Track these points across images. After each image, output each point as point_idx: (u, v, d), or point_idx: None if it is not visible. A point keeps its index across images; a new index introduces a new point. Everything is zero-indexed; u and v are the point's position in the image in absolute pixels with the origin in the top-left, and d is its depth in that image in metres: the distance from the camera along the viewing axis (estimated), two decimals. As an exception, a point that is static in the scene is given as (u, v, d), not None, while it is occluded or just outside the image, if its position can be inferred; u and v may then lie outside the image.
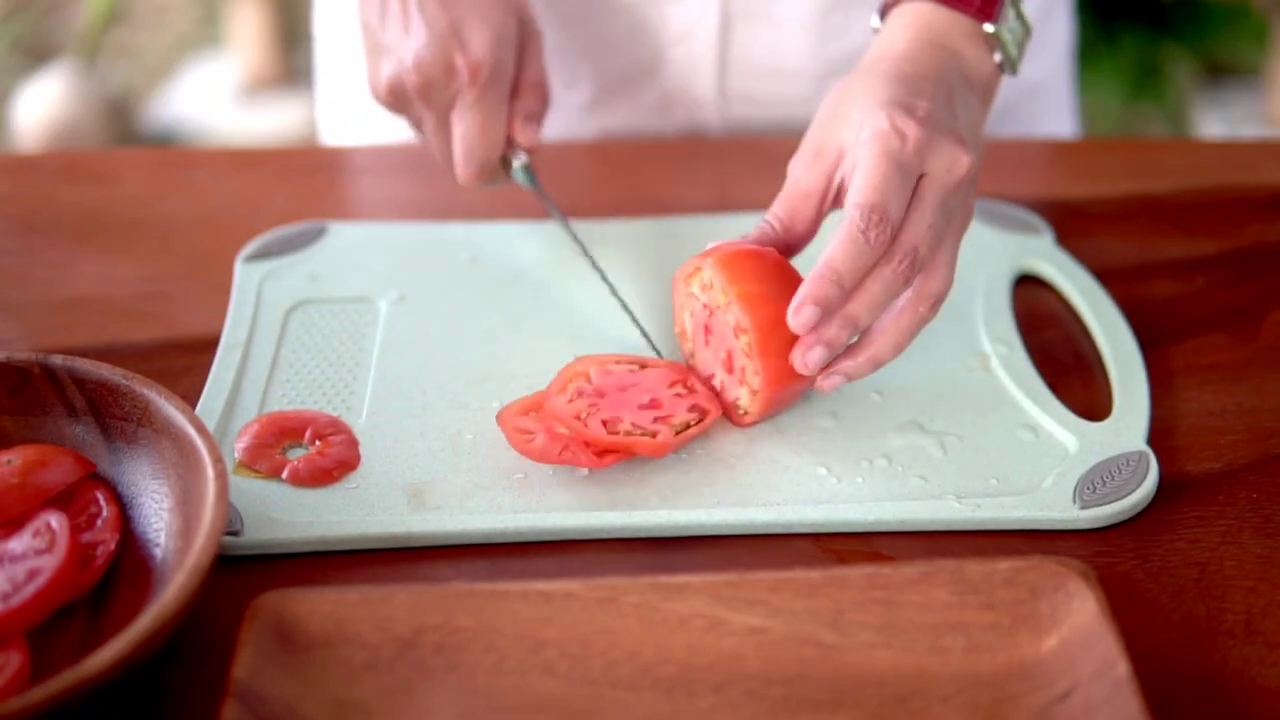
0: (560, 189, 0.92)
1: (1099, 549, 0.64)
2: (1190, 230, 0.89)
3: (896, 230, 0.65)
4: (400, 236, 0.86)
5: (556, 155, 0.93)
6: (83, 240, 0.88)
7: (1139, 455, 0.69)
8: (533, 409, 0.69)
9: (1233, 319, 0.80)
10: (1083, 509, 0.66)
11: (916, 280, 0.67)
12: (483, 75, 0.75)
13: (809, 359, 0.66)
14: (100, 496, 0.64)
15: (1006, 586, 0.58)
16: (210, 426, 0.69)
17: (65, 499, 0.63)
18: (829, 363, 0.67)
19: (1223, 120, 2.38)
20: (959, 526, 0.65)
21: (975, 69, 0.74)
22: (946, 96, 0.71)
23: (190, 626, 0.59)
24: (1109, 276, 0.82)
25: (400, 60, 0.76)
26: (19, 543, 0.59)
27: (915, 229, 0.66)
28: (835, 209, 0.71)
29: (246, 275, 0.82)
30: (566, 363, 0.71)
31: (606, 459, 0.67)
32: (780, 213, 0.71)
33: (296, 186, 0.94)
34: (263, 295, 0.80)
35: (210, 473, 0.59)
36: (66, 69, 2.51)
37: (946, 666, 0.57)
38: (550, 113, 0.81)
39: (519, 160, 0.79)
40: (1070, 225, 0.88)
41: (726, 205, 0.90)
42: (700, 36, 0.96)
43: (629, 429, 0.67)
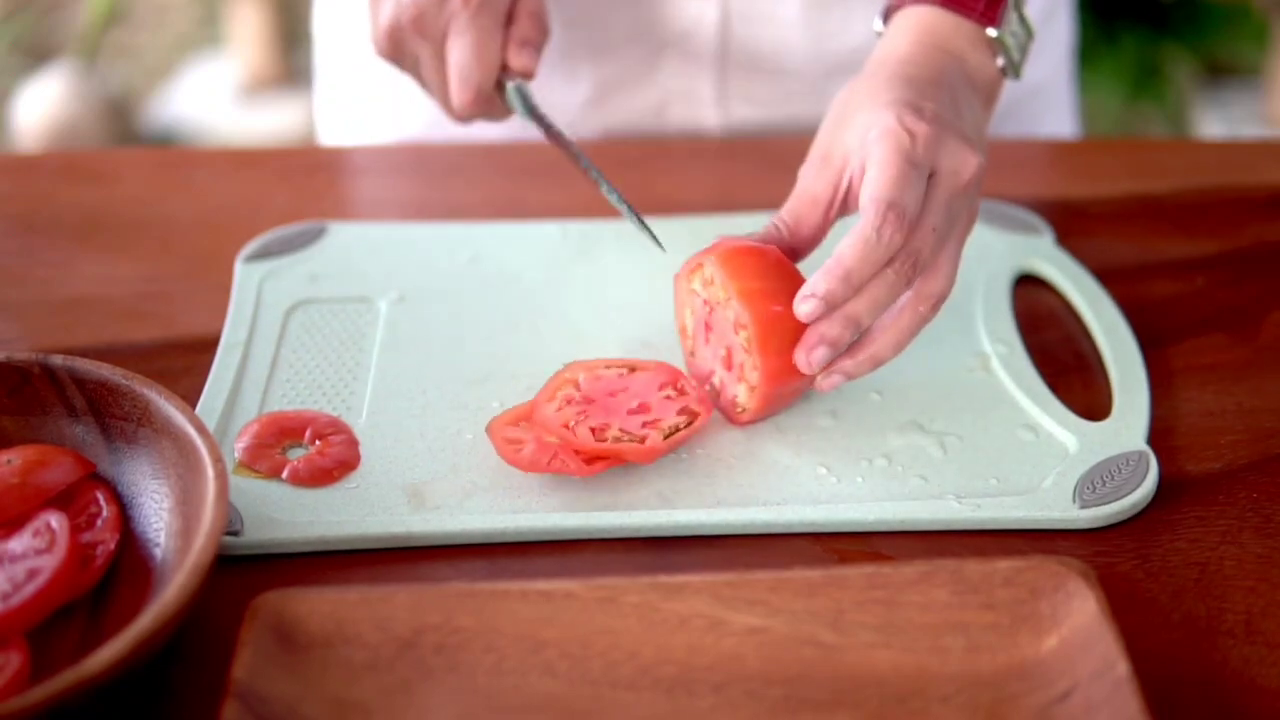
0: (559, 188, 0.92)
1: (1099, 549, 0.64)
2: (1190, 230, 0.89)
3: (912, 227, 0.65)
4: (400, 236, 0.86)
5: (555, 154, 0.93)
6: (83, 240, 0.88)
7: (1139, 455, 0.69)
8: (522, 418, 0.69)
9: (1233, 319, 0.80)
10: (1083, 509, 0.66)
11: (918, 280, 0.67)
12: None
13: (813, 358, 0.66)
14: (100, 496, 0.64)
15: (1006, 586, 0.58)
16: (210, 426, 0.69)
17: (65, 499, 0.63)
18: (829, 362, 0.67)
19: (1223, 120, 2.38)
20: (959, 526, 0.65)
21: (978, 73, 0.74)
22: (951, 98, 0.71)
23: (190, 626, 0.59)
24: (1109, 276, 0.82)
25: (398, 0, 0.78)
26: (19, 543, 0.59)
27: (919, 230, 0.66)
28: (843, 215, 0.71)
29: (246, 275, 0.82)
30: (566, 362, 0.71)
31: (596, 466, 0.66)
32: (787, 217, 0.71)
33: (296, 186, 0.94)
34: (263, 295, 0.80)
35: (210, 473, 0.59)
36: (66, 69, 2.51)
37: (946, 666, 0.57)
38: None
39: (513, 84, 0.79)
40: (1070, 225, 0.88)
41: (727, 205, 0.90)
42: (700, 36, 0.96)
43: (617, 435, 0.67)
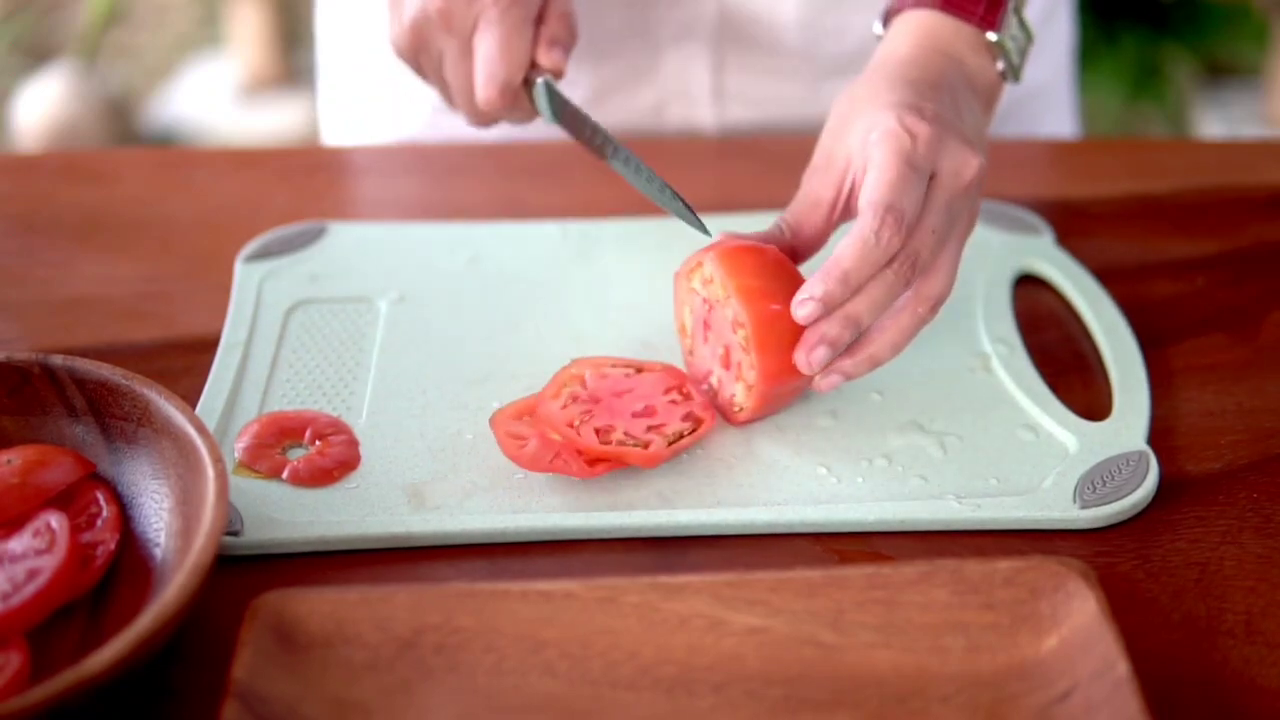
0: (559, 188, 0.92)
1: (1099, 549, 0.64)
2: (1190, 230, 0.89)
3: (911, 230, 0.65)
4: (400, 236, 0.86)
5: (555, 154, 0.93)
6: (83, 240, 0.88)
7: (1139, 455, 0.69)
8: (526, 413, 0.69)
9: (1233, 319, 0.80)
10: (1083, 509, 0.66)
11: (917, 281, 0.67)
12: None
13: (812, 358, 0.66)
14: (100, 496, 0.63)
15: (1006, 586, 0.58)
16: (210, 426, 0.69)
17: (65, 499, 0.63)
18: (828, 362, 0.67)
19: (1223, 120, 2.38)
20: (959, 526, 0.65)
21: (978, 76, 0.74)
22: (951, 100, 0.71)
23: (190, 626, 0.59)
24: (1109, 276, 0.82)
25: None
26: (19, 543, 0.59)
27: (918, 231, 0.66)
28: (846, 220, 0.71)
29: (246, 275, 0.82)
30: (566, 363, 0.71)
31: (598, 468, 0.66)
32: (790, 218, 0.71)
33: (296, 186, 0.94)
34: (263, 295, 0.80)
35: (210, 473, 0.59)
36: (66, 69, 2.51)
37: (946, 666, 0.57)
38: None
39: (542, 79, 0.77)
40: (1070, 225, 0.88)
41: (725, 205, 0.90)
42: (697, 37, 0.96)
43: (621, 438, 0.67)
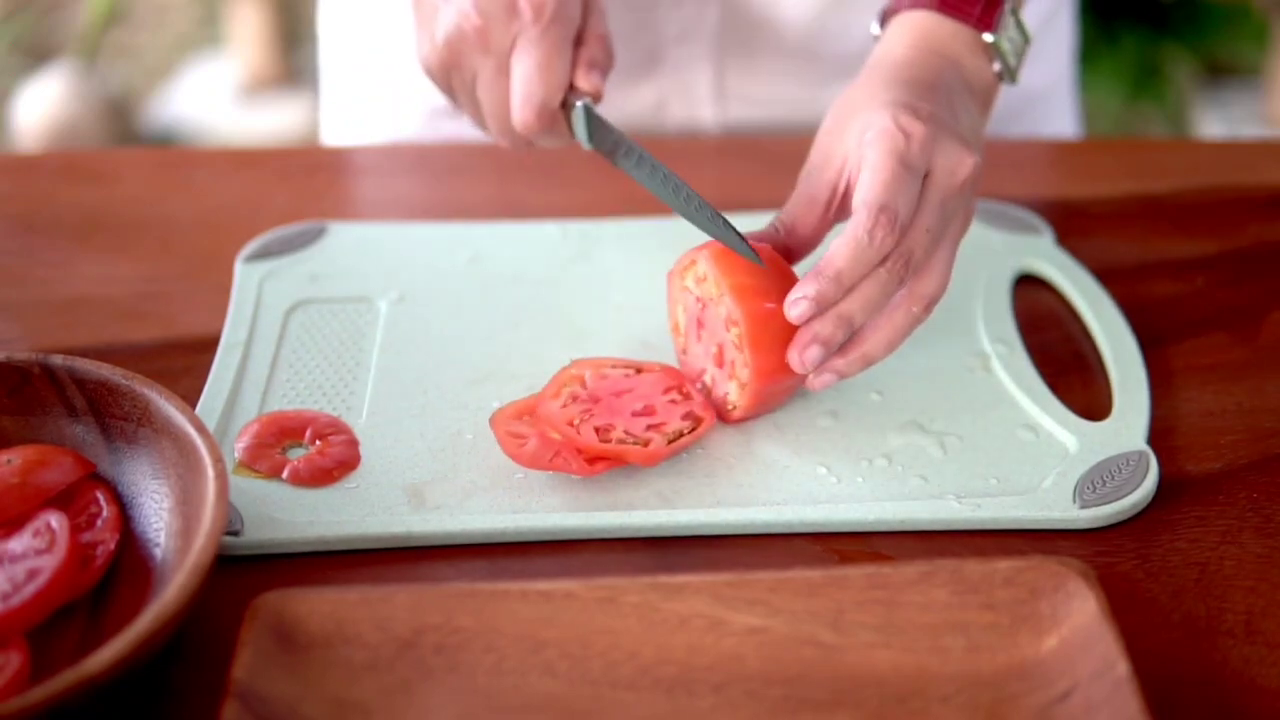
0: (559, 188, 0.92)
1: (1099, 549, 0.64)
2: (1190, 230, 0.89)
3: (905, 229, 0.65)
4: (400, 236, 0.86)
5: (555, 155, 0.93)
6: (83, 240, 0.88)
7: (1139, 455, 0.69)
8: (526, 412, 0.69)
9: (1233, 319, 0.80)
10: (1083, 509, 0.66)
11: (911, 280, 0.67)
12: (547, 12, 0.73)
13: (806, 357, 0.66)
14: (100, 496, 0.63)
15: (1006, 586, 0.58)
16: (210, 426, 0.69)
17: (65, 499, 0.63)
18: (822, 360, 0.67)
19: (1223, 120, 2.38)
20: (959, 526, 0.65)
21: (975, 77, 0.74)
22: (947, 100, 0.71)
23: (190, 626, 0.59)
24: (1109, 276, 0.82)
25: (460, 8, 0.74)
26: (19, 543, 0.59)
27: (912, 230, 0.66)
28: (841, 219, 0.71)
29: (246, 275, 0.82)
30: (565, 363, 0.71)
31: (598, 466, 0.66)
32: (785, 218, 0.71)
33: (296, 186, 0.94)
34: (263, 295, 0.80)
35: (210, 473, 0.59)
36: (66, 69, 2.51)
37: (946, 666, 0.57)
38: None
39: (581, 102, 0.75)
40: (1070, 225, 0.88)
41: (725, 204, 0.89)
42: (700, 36, 0.96)
43: (621, 437, 0.67)
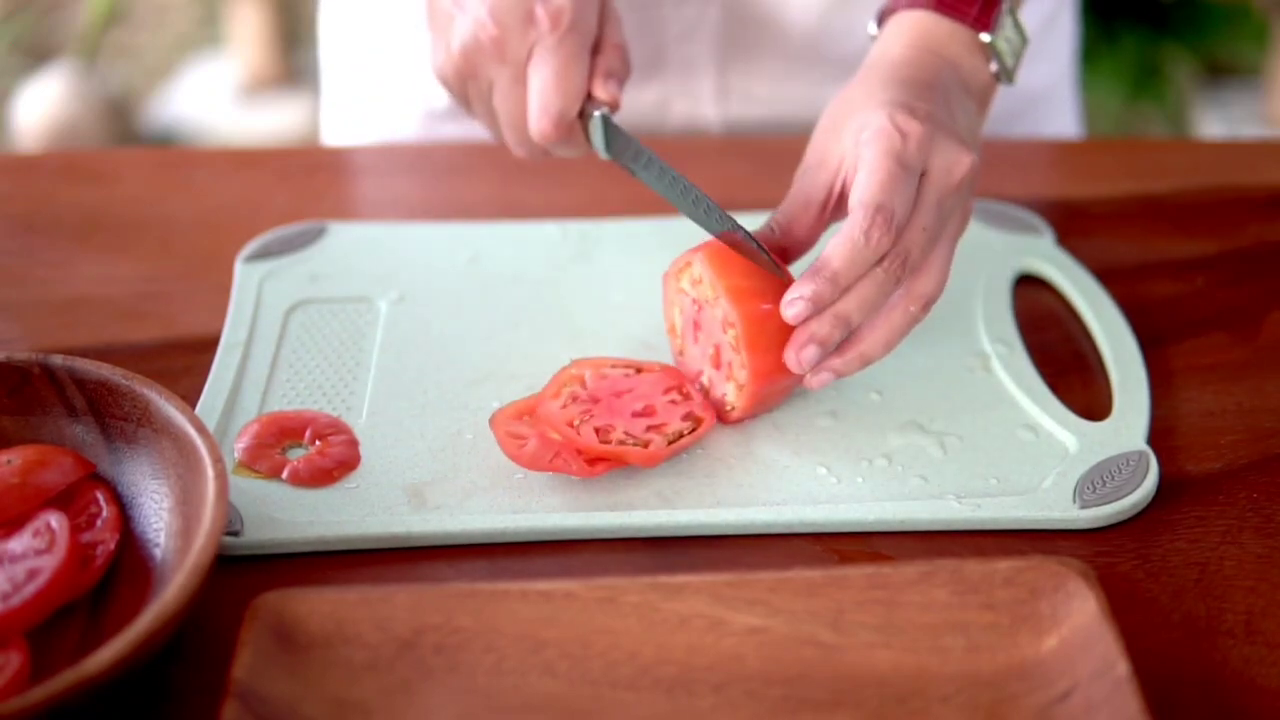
0: (559, 188, 0.92)
1: (1099, 549, 0.64)
2: (1190, 230, 0.89)
3: (901, 229, 0.65)
4: (400, 236, 0.86)
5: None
6: (83, 240, 0.88)
7: (1139, 455, 0.69)
8: (526, 413, 0.69)
9: (1233, 319, 0.80)
10: (1083, 509, 0.66)
11: (908, 280, 0.67)
12: (564, 21, 0.72)
13: (803, 357, 0.66)
14: (100, 496, 0.63)
15: (1006, 586, 0.58)
16: (210, 426, 0.69)
17: (65, 499, 0.63)
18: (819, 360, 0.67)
19: (1223, 120, 2.38)
20: (959, 526, 0.65)
21: (972, 77, 0.74)
22: (944, 100, 0.71)
23: (190, 626, 0.59)
24: (1109, 276, 0.82)
25: (476, 17, 0.74)
26: (19, 543, 0.59)
27: (909, 229, 0.66)
28: (837, 219, 0.71)
29: (246, 275, 0.82)
30: (564, 363, 0.71)
31: (598, 467, 0.66)
32: (780, 218, 0.71)
33: (296, 186, 0.94)
34: (263, 295, 0.80)
35: (210, 473, 0.59)
36: (66, 69, 2.51)
37: (946, 666, 0.57)
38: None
39: (599, 111, 0.74)
40: (1070, 225, 0.88)
41: (727, 203, 0.89)
42: (702, 36, 0.96)
43: (621, 438, 0.67)
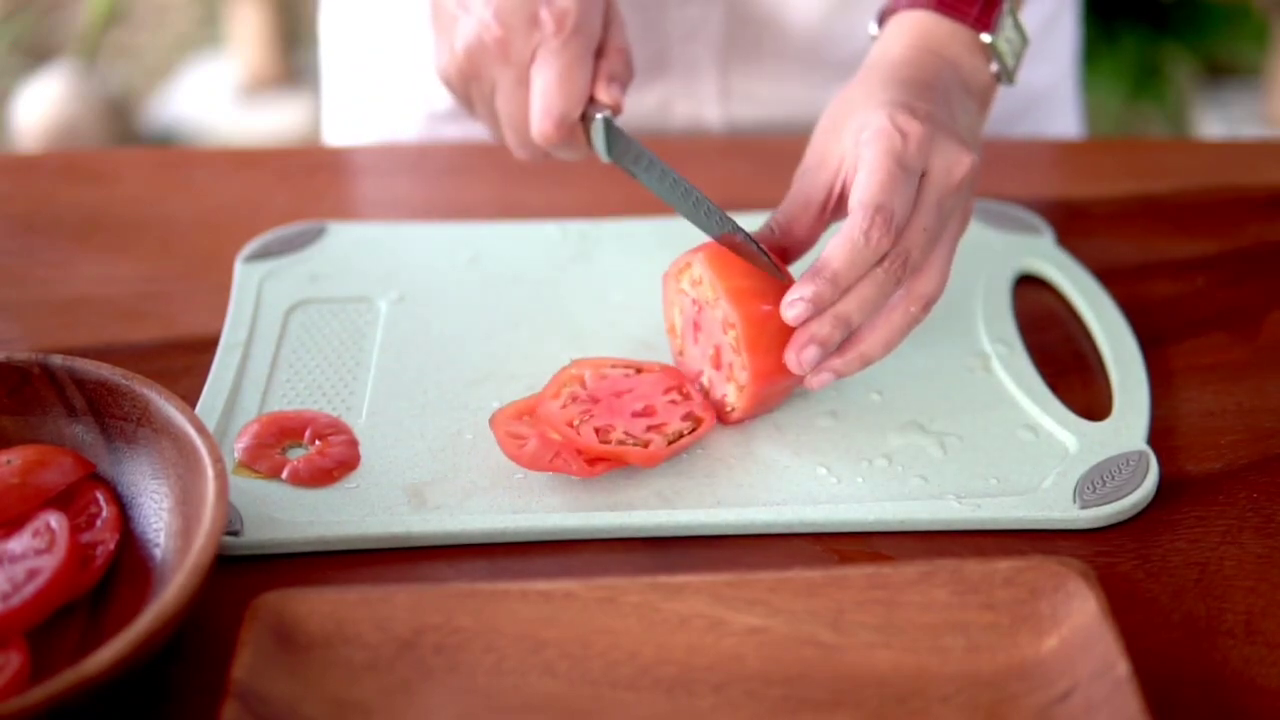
0: (559, 188, 0.92)
1: (1099, 549, 0.64)
2: (1190, 230, 0.89)
3: (900, 231, 0.65)
4: (400, 236, 0.86)
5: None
6: (83, 240, 0.88)
7: (1139, 455, 0.69)
8: (526, 413, 0.69)
9: (1233, 319, 0.80)
10: (1083, 509, 0.66)
11: (909, 280, 0.67)
12: (568, 23, 0.72)
13: (803, 357, 0.66)
14: (100, 496, 0.63)
15: (1006, 586, 0.58)
16: (210, 426, 0.69)
17: (65, 499, 0.63)
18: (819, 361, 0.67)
19: (1223, 120, 2.38)
20: (959, 526, 0.65)
21: (973, 78, 0.74)
22: (945, 100, 0.71)
23: (190, 626, 0.59)
24: (1109, 276, 0.82)
25: (480, 18, 0.74)
26: (19, 543, 0.59)
27: (909, 230, 0.66)
28: (837, 219, 0.71)
29: (246, 275, 0.82)
30: (565, 363, 0.71)
31: (598, 467, 0.66)
32: (780, 218, 0.71)
33: (296, 186, 0.94)
34: (263, 295, 0.80)
35: (210, 473, 0.59)
36: (66, 69, 2.51)
37: (946, 666, 0.57)
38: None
39: (601, 114, 0.74)
40: (1070, 225, 0.88)
41: (729, 203, 0.89)
42: (704, 37, 0.96)
43: (621, 438, 0.67)
